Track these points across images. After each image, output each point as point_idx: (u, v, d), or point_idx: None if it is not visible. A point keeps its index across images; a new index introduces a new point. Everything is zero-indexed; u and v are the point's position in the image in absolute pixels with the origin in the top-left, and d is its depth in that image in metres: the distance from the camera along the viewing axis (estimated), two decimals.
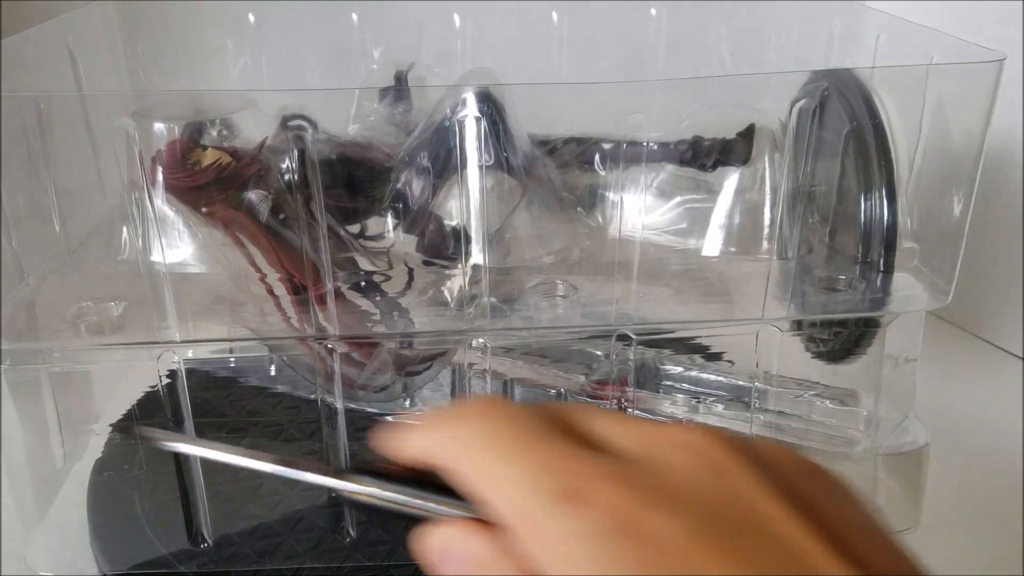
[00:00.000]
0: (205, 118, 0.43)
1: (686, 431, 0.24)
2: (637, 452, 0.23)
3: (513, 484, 0.23)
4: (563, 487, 0.22)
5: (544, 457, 0.23)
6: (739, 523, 0.22)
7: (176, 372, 0.42)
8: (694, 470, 0.23)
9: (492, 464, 0.23)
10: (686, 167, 0.46)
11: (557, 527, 0.22)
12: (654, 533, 0.21)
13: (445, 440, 0.25)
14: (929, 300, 0.42)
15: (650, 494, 0.22)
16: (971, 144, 0.40)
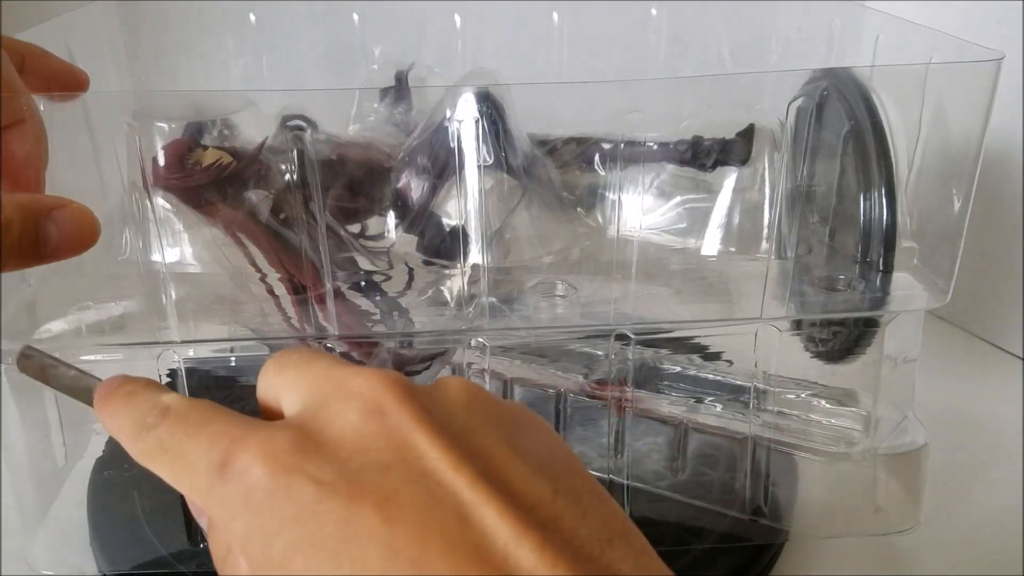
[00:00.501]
0: (205, 118, 0.43)
1: (357, 376, 0.24)
2: (308, 407, 0.24)
3: (186, 472, 0.24)
4: (215, 459, 0.23)
5: (200, 439, 0.24)
6: (391, 463, 0.22)
7: (176, 372, 0.42)
8: (357, 415, 0.23)
9: (172, 463, 0.25)
10: (686, 167, 0.46)
11: (218, 496, 0.23)
12: (303, 483, 0.22)
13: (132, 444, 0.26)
14: (928, 299, 0.42)
15: (303, 447, 0.23)
16: (970, 143, 0.40)
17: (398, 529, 0.21)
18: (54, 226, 0.29)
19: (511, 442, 0.24)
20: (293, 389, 0.25)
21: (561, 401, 0.49)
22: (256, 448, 0.23)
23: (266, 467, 0.22)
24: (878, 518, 0.47)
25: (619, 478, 0.46)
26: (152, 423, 0.26)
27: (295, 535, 0.21)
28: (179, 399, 0.26)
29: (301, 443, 0.23)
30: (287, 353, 0.27)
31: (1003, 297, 0.65)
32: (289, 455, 0.22)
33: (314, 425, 0.23)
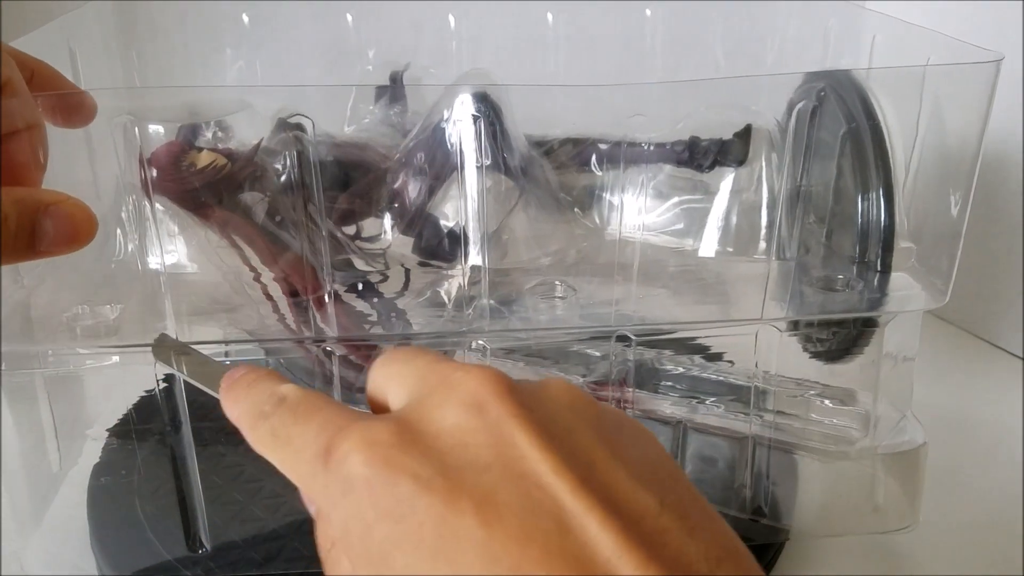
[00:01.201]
0: (200, 120, 0.43)
1: (459, 370, 0.24)
2: (411, 401, 0.25)
3: (294, 459, 0.24)
4: (320, 447, 0.23)
5: (309, 428, 0.24)
6: (491, 461, 0.22)
7: (173, 375, 0.42)
8: (457, 409, 0.23)
9: (281, 450, 0.25)
10: (683, 168, 0.46)
11: (320, 483, 0.23)
12: (401, 476, 0.22)
13: (249, 431, 0.27)
14: (927, 300, 0.42)
15: (402, 439, 0.23)
16: (968, 144, 0.40)
17: (497, 533, 0.20)
18: (50, 221, 0.29)
19: (614, 448, 0.23)
20: (399, 383, 0.26)
21: None
22: (356, 437, 0.23)
23: (364, 455, 0.22)
24: (877, 517, 0.47)
25: None
26: (268, 412, 0.26)
27: (393, 529, 0.21)
28: (295, 389, 0.26)
29: (400, 435, 0.23)
30: (394, 350, 0.27)
31: (1003, 297, 0.65)
32: (388, 446, 0.22)
33: (415, 417, 0.23)
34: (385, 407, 0.26)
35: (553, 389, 0.25)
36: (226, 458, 0.49)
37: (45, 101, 0.34)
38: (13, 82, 0.30)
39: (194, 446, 0.43)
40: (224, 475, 0.48)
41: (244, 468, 0.49)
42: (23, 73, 0.33)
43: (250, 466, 0.49)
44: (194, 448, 0.43)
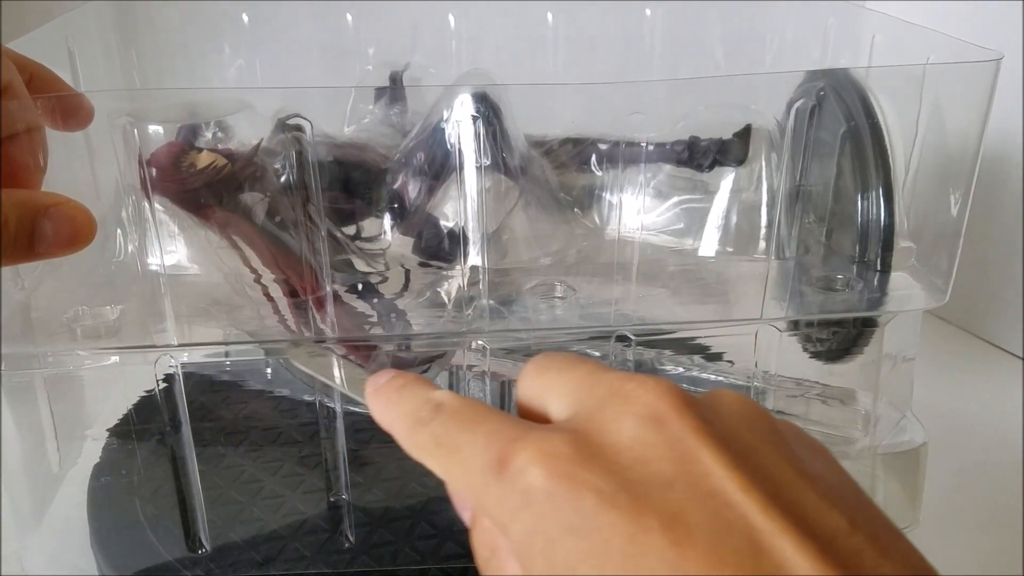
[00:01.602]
0: (200, 120, 0.43)
1: (636, 383, 0.24)
2: (580, 412, 0.24)
3: (460, 467, 0.24)
4: (491, 457, 0.23)
5: (477, 437, 0.24)
6: (674, 476, 0.21)
7: (173, 376, 0.42)
8: (635, 423, 0.23)
9: (445, 458, 0.25)
10: (683, 167, 0.46)
11: (494, 494, 0.23)
12: (583, 491, 0.21)
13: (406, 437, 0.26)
14: (927, 299, 0.42)
15: (581, 452, 0.22)
16: (968, 143, 0.40)
17: (688, 553, 0.20)
18: (49, 223, 0.29)
19: (796, 464, 0.22)
20: (560, 392, 0.25)
21: None
22: (533, 449, 0.22)
23: (544, 469, 0.22)
24: None
25: None
26: (426, 418, 0.26)
27: (579, 545, 0.21)
28: (451, 396, 0.26)
29: (579, 448, 0.22)
30: (548, 356, 0.27)
31: (1003, 297, 0.65)
32: (568, 460, 0.22)
33: (590, 430, 0.23)
34: (543, 417, 0.26)
35: (727, 402, 0.24)
36: (226, 459, 0.49)
37: (44, 104, 0.34)
38: (13, 85, 0.30)
39: (194, 446, 0.43)
40: (225, 476, 0.48)
41: (244, 469, 0.49)
42: (22, 76, 0.33)
43: (250, 466, 0.49)
44: (194, 448, 0.43)
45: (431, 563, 0.43)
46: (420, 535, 0.45)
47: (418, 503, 0.47)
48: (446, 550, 0.44)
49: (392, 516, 0.46)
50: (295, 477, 0.48)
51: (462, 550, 0.44)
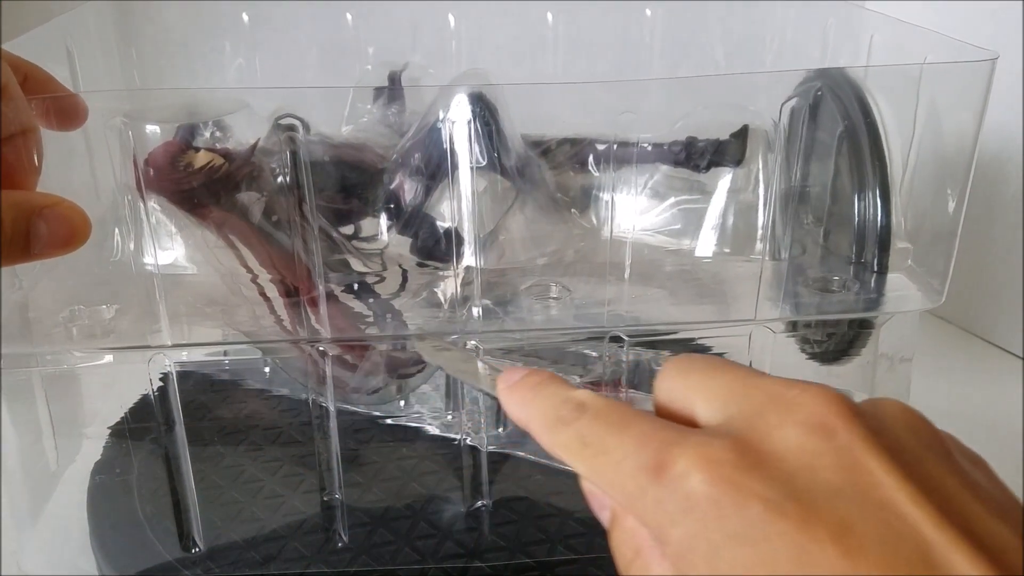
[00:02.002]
0: (198, 120, 0.43)
1: (799, 389, 0.23)
2: (737, 417, 0.24)
3: (610, 469, 0.24)
4: (646, 461, 0.23)
5: (627, 438, 0.24)
6: (842, 486, 0.21)
7: (168, 375, 0.42)
8: (800, 430, 0.22)
9: (593, 458, 0.25)
10: (679, 168, 0.46)
11: (651, 498, 0.22)
12: (748, 498, 0.21)
13: (547, 435, 0.26)
14: (923, 300, 0.42)
15: (744, 459, 0.22)
16: (964, 143, 0.40)
17: (859, 564, 0.20)
18: (44, 224, 0.29)
19: (962, 475, 0.22)
20: (710, 396, 0.25)
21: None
22: (694, 454, 0.22)
23: (706, 475, 0.22)
24: None
25: None
26: (569, 417, 0.26)
27: (746, 553, 0.21)
28: (593, 395, 0.26)
29: (742, 454, 0.22)
30: (691, 358, 0.26)
31: (1003, 297, 0.65)
32: (731, 466, 0.22)
33: (752, 436, 0.23)
34: (687, 419, 0.25)
35: (891, 410, 0.24)
36: (226, 458, 0.49)
37: (39, 105, 0.34)
38: (8, 87, 0.30)
39: (190, 446, 0.43)
40: (224, 475, 0.48)
41: (244, 469, 0.49)
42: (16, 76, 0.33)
43: (250, 466, 0.49)
44: (187, 447, 0.43)
45: (430, 563, 0.43)
46: (419, 535, 0.45)
47: (418, 503, 0.47)
48: (446, 550, 0.44)
49: (392, 516, 0.46)
50: (293, 477, 0.48)
51: (461, 550, 0.44)
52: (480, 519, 0.46)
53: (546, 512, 0.46)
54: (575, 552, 0.44)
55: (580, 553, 0.44)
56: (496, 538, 0.45)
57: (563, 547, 0.44)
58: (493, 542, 0.44)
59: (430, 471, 0.49)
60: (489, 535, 0.45)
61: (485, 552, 0.44)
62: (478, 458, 0.46)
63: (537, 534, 0.45)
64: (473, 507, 0.46)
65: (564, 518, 0.46)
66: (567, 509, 0.46)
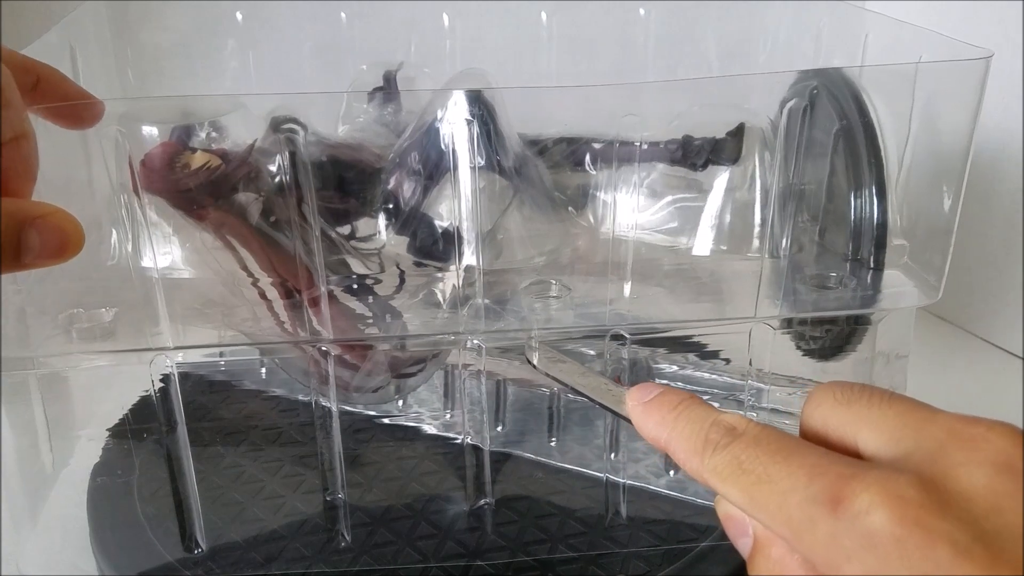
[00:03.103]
0: (193, 120, 0.42)
1: (984, 427, 0.23)
2: (916, 453, 0.23)
3: (773, 497, 0.23)
4: (820, 493, 0.22)
5: (794, 468, 0.23)
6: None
7: (169, 377, 0.42)
8: (988, 470, 0.22)
9: (752, 486, 0.24)
10: (676, 166, 0.47)
11: (824, 531, 0.22)
12: (937, 540, 0.21)
13: (695, 458, 0.26)
14: (919, 296, 0.43)
15: (931, 499, 0.21)
16: (960, 141, 0.40)
17: None
18: (36, 234, 0.29)
19: None
20: (880, 428, 0.24)
21: (555, 401, 0.49)
22: (878, 490, 0.22)
23: (892, 513, 0.21)
24: None
25: (615, 477, 0.46)
26: (720, 441, 0.25)
27: None
28: (741, 419, 0.26)
29: (928, 493, 0.22)
30: (849, 386, 0.26)
31: (1003, 296, 0.65)
32: (918, 506, 0.21)
33: (935, 473, 0.22)
34: (847, 450, 0.25)
35: None
36: (225, 459, 0.49)
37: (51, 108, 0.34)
38: (5, 93, 0.30)
39: (190, 446, 0.43)
40: (225, 476, 0.48)
41: (244, 469, 0.49)
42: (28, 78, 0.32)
43: (250, 467, 0.49)
44: (190, 448, 0.43)
45: (432, 562, 0.43)
46: (420, 535, 0.45)
47: (418, 503, 0.47)
48: (447, 550, 0.44)
49: (393, 516, 0.46)
50: (293, 477, 0.48)
51: (462, 549, 0.44)
52: (482, 518, 0.46)
53: (547, 511, 0.46)
54: (576, 551, 0.44)
55: (581, 552, 0.44)
56: (497, 537, 0.45)
57: (564, 546, 0.44)
58: (494, 542, 0.45)
59: (430, 471, 0.49)
60: (490, 535, 0.45)
61: (486, 552, 0.44)
62: (480, 457, 0.46)
63: (538, 533, 0.45)
64: (476, 505, 0.46)
65: (564, 517, 0.46)
66: (568, 508, 0.46)
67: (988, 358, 0.66)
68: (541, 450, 0.50)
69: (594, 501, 0.47)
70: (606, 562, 0.43)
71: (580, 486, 0.48)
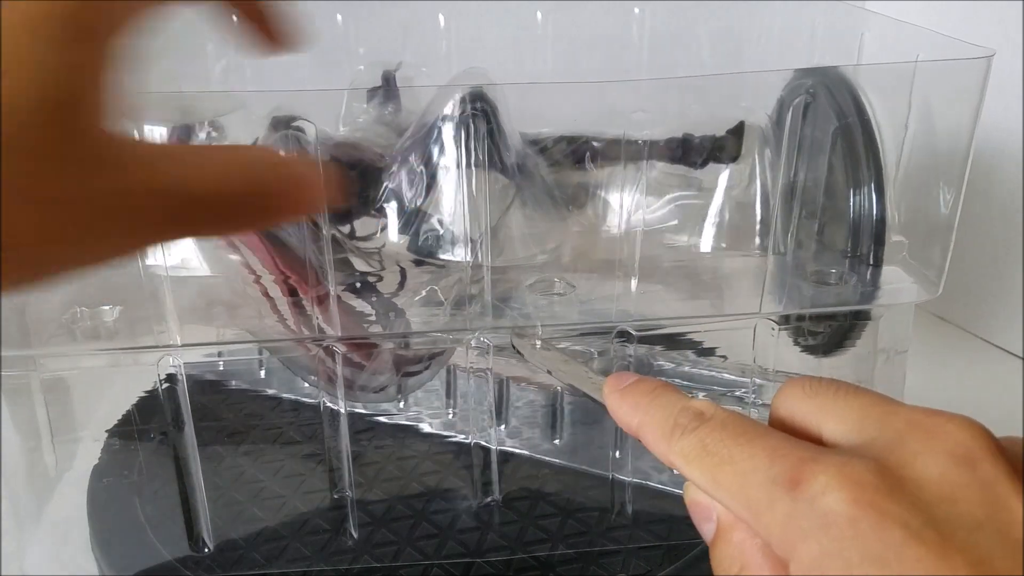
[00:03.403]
0: (193, 120, 0.42)
1: (943, 419, 0.24)
2: (876, 441, 0.24)
3: (735, 479, 0.24)
4: (779, 474, 0.23)
5: (756, 450, 0.24)
6: (983, 520, 0.21)
7: (175, 376, 0.41)
8: (943, 460, 0.22)
9: (716, 467, 0.24)
10: (677, 164, 0.47)
11: (781, 512, 0.22)
12: (888, 522, 0.21)
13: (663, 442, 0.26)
14: (919, 292, 0.43)
15: (885, 483, 0.22)
16: (960, 139, 0.41)
17: None
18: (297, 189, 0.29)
19: None
20: (843, 417, 0.25)
21: (559, 399, 0.49)
22: (835, 472, 0.22)
23: (847, 495, 0.22)
24: None
25: (620, 474, 0.47)
26: (688, 425, 0.26)
27: None
28: (710, 405, 0.26)
29: (883, 478, 0.22)
30: (817, 379, 0.26)
31: (1003, 296, 0.65)
32: (873, 489, 0.22)
33: (893, 461, 0.23)
34: (812, 438, 0.25)
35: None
36: (228, 458, 0.49)
37: None
38: None
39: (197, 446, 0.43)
40: (226, 475, 0.48)
41: (245, 469, 0.49)
42: None
43: (251, 466, 0.49)
44: (197, 448, 0.43)
45: (433, 561, 0.43)
46: (422, 534, 0.45)
47: (420, 502, 0.47)
48: (448, 549, 0.44)
49: (394, 515, 0.46)
50: (298, 476, 0.48)
51: (464, 549, 0.44)
52: (489, 516, 0.46)
53: (547, 511, 0.46)
54: (576, 550, 0.44)
55: (582, 550, 0.44)
56: (498, 537, 0.45)
57: (564, 545, 0.44)
58: (495, 541, 0.45)
59: (432, 470, 0.49)
60: (494, 533, 0.45)
61: (487, 551, 0.44)
62: (487, 455, 0.46)
63: (539, 533, 0.45)
64: (483, 503, 0.47)
65: (565, 517, 0.46)
66: (568, 508, 0.46)
67: (988, 358, 0.66)
68: (542, 449, 0.50)
69: (596, 499, 0.47)
70: (607, 561, 0.44)
71: (581, 484, 0.48)
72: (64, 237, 0.20)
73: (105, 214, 0.20)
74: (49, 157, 0.19)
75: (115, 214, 0.20)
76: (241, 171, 0.24)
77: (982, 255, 0.65)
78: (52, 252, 0.20)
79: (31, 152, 0.19)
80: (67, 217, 0.19)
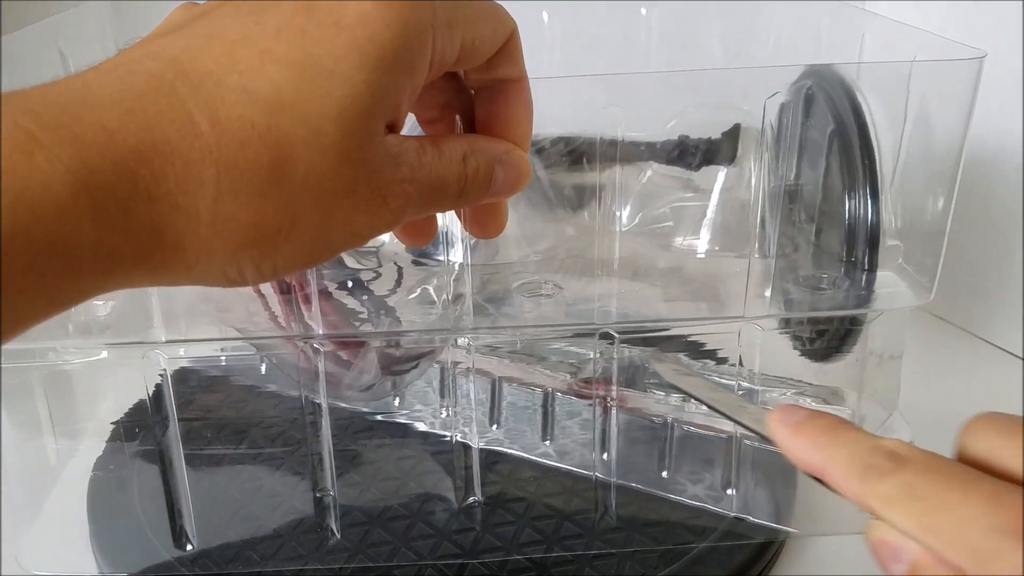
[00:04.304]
0: None
1: None
2: None
3: (952, 526, 0.23)
4: (1004, 523, 0.22)
5: (973, 497, 0.23)
6: None
7: (164, 372, 0.42)
8: None
9: (927, 513, 0.24)
10: (672, 166, 0.47)
11: (1010, 562, 0.22)
12: None
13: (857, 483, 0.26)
14: (912, 297, 0.42)
15: None
16: (953, 141, 0.40)
17: None
18: (501, 169, 0.30)
19: None
20: None
21: (549, 400, 0.49)
22: None
23: None
24: None
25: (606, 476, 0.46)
26: (885, 467, 0.25)
27: None
28: (904, 444, 0.26)
29: None
30: (1010, 418, 0.27)
31: (1002, 297, 0.64)
32: None
33: None
34: (1015, 479, 0.25)
35: None
36: (219, 456, 0.50)
37: None
38: None
39: (185, 444, 0.44)
40: (219, 473, 0.48)
41: (243, 468, 0.49)
42: None
43: (249, 466, 0.49)
44: (181, 445, 0.44)
45: (427, 561, 0.43)
46: (416, 535, 0.45)
47: (415, 502, 0.47)
48: (443, 549, 0.44)
49: (389, 516, 0.46)
50: (289, 476, 0.48)
51: (458, 549, 0.44)
52: (473, 517, 0.46)
53: (542, 512, 0.46)
54: (571, 552, 0.44)
55: (576, 553, 0.44)
56: (492, 538, 0.45)
57: (559, 547, 0.44)
58: (489, 542, 0.44)
59: (427, 470, 0.49)
60: (485, 535, 0.45)
61: (482, 552, 0.44)
62: (469, 454, 0.46)
63: (533, 534, 0.45)
64: (465, 503, 0.47)
65: (560, 519, 0.46)
66: (563, 510, 0.46)
67: (988, 358, 0.65)
68: (537, 450, 0.50)
69: (589, 502, 0.47)
70: (602, 564, 0.43)
71: (577, 487, 0.48)
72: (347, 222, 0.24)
73: (383, 201, 0.25)
74: (350, 156, 0.24)
75: (386, 200, 0.25)
76: (475, 159, 0.28)
77: (981, 255, 0.64)
78: (332, 237, 0.24)
79: (344, 154, 0.23)
80: (351, 205, 0.24)
